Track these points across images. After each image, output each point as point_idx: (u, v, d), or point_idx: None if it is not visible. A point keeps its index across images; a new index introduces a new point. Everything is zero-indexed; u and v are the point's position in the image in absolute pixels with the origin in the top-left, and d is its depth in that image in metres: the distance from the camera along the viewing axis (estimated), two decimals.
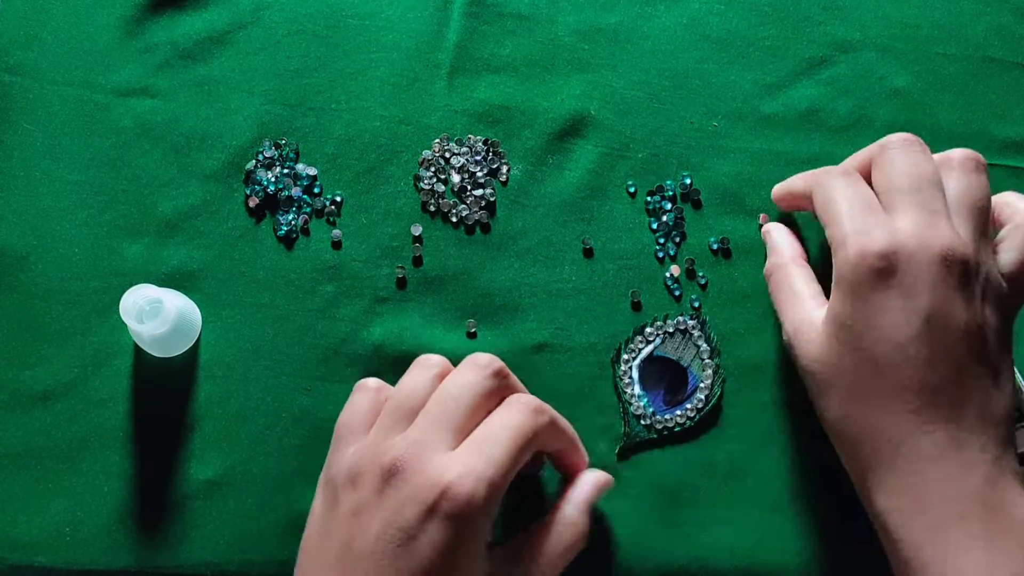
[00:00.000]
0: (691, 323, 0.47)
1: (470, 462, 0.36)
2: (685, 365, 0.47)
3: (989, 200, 0.41)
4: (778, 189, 0.47)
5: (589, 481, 0.42)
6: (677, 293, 0.48)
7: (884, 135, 0.50)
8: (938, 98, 0.51)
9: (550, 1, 0.52)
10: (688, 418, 0.46)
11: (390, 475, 0.37)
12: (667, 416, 0.46)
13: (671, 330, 0.47)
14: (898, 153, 0.41)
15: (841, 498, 0.44)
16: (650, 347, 0.47)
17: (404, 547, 0.35)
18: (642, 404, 0.46)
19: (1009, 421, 0.39)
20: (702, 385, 0.47)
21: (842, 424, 0.40)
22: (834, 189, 0.41)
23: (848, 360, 0.39)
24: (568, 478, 0.43)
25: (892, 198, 0.40)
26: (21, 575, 0.44)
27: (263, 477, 0.46)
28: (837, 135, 0.51)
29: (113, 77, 0.50)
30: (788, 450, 0.46)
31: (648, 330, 0.47)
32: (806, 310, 0.42)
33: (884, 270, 0.38)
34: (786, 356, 0.46)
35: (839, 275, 0.39)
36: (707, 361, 0.47)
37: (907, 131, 0.50)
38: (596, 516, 0.45)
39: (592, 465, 0.44)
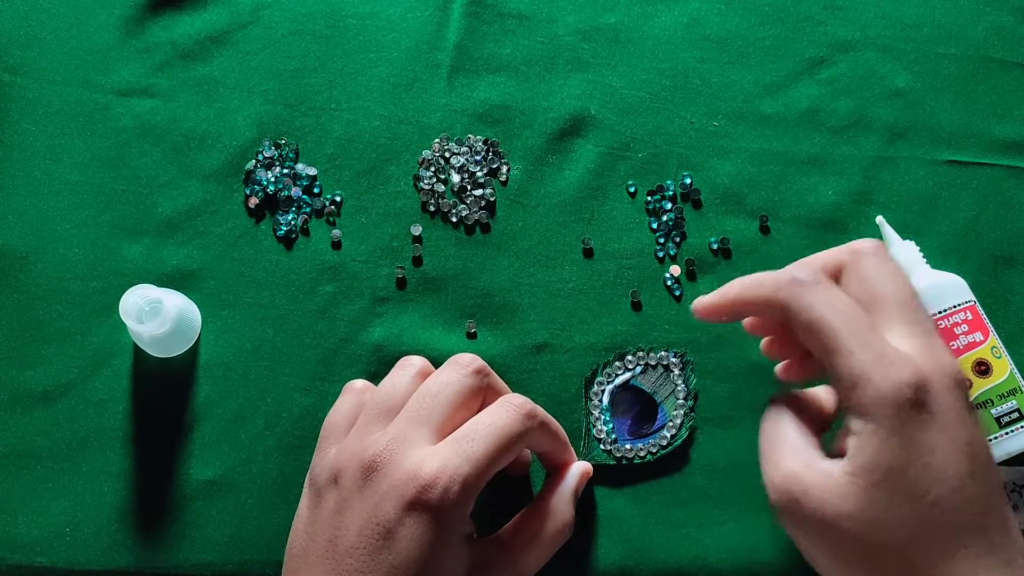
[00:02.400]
0: (674, 360, 0.47)
1: (447, 458, 0.37)
2: (659, 401, 0.47)
3: None
4: (719, 299, 0.39)
5: (574, 473, 0.43)
6: (677, 293, 0.48)
7: (884, 135, 0.51)
8: (938, 98, 0.51)
9: (550, 1, 0.52)
10: (650, 453, 0.45)
11: (370, 471, 0.37)
12: (627, 446, 0.46)
13: (652, 362, 0.47)
14: (875, 261, 0.37)
15: None
16: (627, 375, 0.47)
17: (384, 541, 0.36)
18: (605, 429, 0.46)
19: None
20: (670, 424, 0.46)
21: None
22: (821, 307, 0.36)
23: (901, 511, 0.34)
24: (554, 474, 0.43)
25: (884, 315, 0.36)
26: (21, 575, 0.44)
27: (263, 477, 0.46)
28: (837, 135, 0.51)
29: (113, 77, 0.50)
30: None
31: (629, 358, 0.47)
32: (811, 460, 0.36)
33: (919, 403, 0.34)
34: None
35: (870, 415, 0.34)
36: (680, 402, 0.46)
37: (907, 131, 0.51)
38: (586, 505, 0.45)
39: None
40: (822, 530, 0.35)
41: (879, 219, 0.48)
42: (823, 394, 0.41)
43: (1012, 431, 0.44)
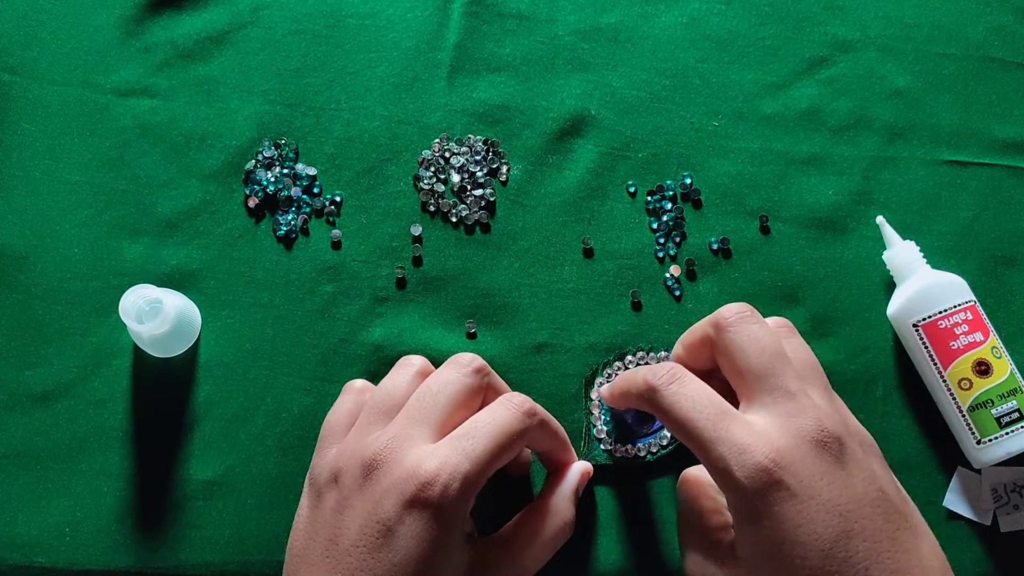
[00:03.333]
0: (673, 359, 0.47)
1: (447, 455, 0.37)
2: None
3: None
4: (612, 392, 0.42)
5: (575, 472, 0.43)
6: (677, 293, 0.48)
7: (884, 135, 0.51)
8: (938, 98, 0.51)
9: (550, 1, 0.52)
10: (650, 452, 0.45)
11: (370, 469, 0.37)
12: (627, 446, 0.46)
13: (652, 362, 0.47)
14: (734, 334, 0.38)
15: None
16: None
17: (385, 539, 0.36)
18: (605, 429, 0.46)
19: (942, 558, 0.36)
20: None
21: None
22: (678, 406, 0.37)
23: None
24: (555, 473, 0.43)
25: (746, 388, 0.38)
26: (21, 575, 0.44)
27: (263, 477, 0.46)
28: (837, 135, 0.51)
29: (113, 77, 0.50)
30: None
31: (629, 358, 0.47)
32: (707, 565, 0.38)
33: (776, 482, 0.34)
34: None
35: (735, 509, 0.36)
36: None
37: (907, 131, 0.51)
38: (586, 506, 0.45)
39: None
40: None
41: (879, 219, 0.48)
42: None
43: (1012, 431, 0.44)
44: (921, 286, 0.46)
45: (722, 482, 0.36)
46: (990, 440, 0.44)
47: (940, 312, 0.45)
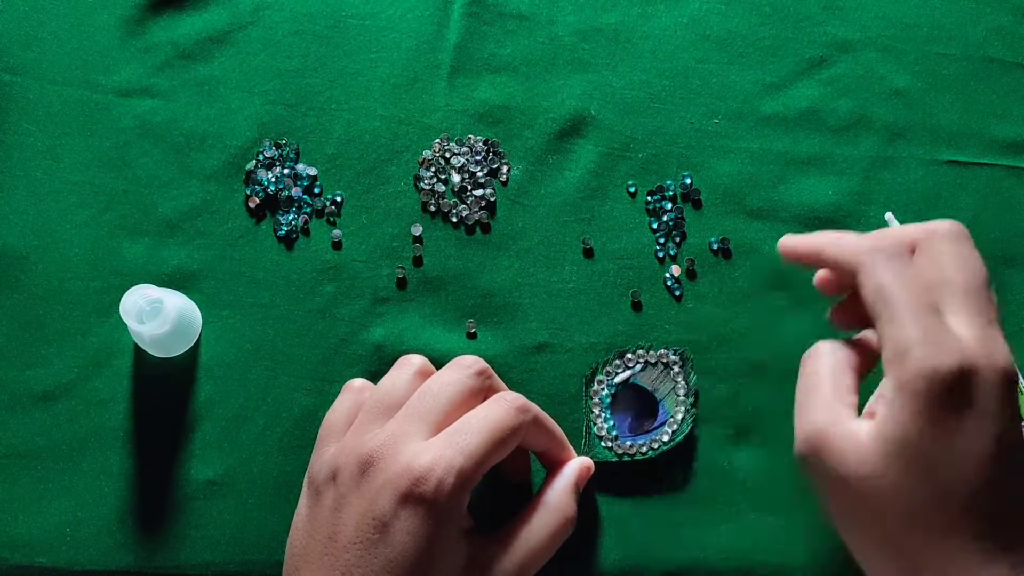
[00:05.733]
0: (673, 358, 0.47)
1: (441, 450, 0.37)
2: (659, 398, 0.46)
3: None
4: (802, 244, 0.41)
5: (573, 467, 0.43)
6: (677, 293, 0.48)
7: (884, 135, 0.51)
8: (938, 98, 0.51)
9: (550, 1, 0.52)
10: (651, 448, 0.45)
11: (367, 466, 0.37)
12: (629, 443, 0.46)
13: (652, 360, 0.47)
14: (951, 245, 0.37)
15: None
16: (627, 373, 0.47)
17: (380, 535, 0.36)
18: (606, 427, 0.46)
19: None
20: (671, 420, 0.46)
21: (888, 554, 0.36)
22: (889, 277, 0.36)
23: (912, 483, 0.34)
24: (554, 471, 0.43)
25: (947, 298, 0.36)
26: (22, 575, 0.44)
27: (263, 477, 0.46)
28: (837, 135, 0.51)
29: (113, 77, 0.50)
30: (788, 451, 0.46)
31: (628, 356, 0.47)
32: (840, 417, 0.37)
33: (958, 390, 0.34)
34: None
35: (905, 388, 0.34)
36: (681, 398, 0.46)
37: (907, 131, 0.51)
38: (587, 505, 0.45)
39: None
40: (837, 487, 0.36)
41: (888, 215, 0.48)
42: (870, 338, 0.41)
43: None
44: None
45: (899, 365, 0.35)
46: None
47: None
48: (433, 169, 0.50)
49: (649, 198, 0.50)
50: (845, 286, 0.41)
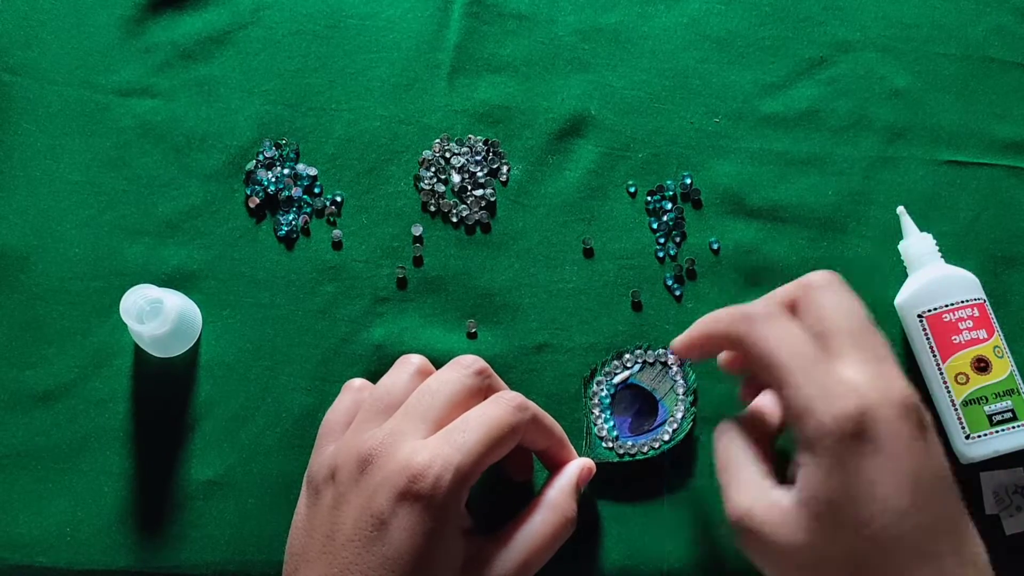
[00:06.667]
0: (672, 357, 0.47)
1: (439, 448, 0.37)
2: (658, 397, 0.46)
3: None
4: (688, 337, 0.42)
5: (573, 467, 0.43)
6: (677, 293, 0.48)
7: (884, 135, 0.51)
8: (938, 98, 0.51)
9: (550, 1, 0.52)
10: (652, 448, 0.45)
11: (365, 464, 0.37)
12: (630, 443, 0.46)
13: (651, 360, 0.47)
14: (828, 294, 0.38)
15: None
16: (626, 373, 0.47)
17: (378, 533, 0.36)
18: (606, 427, 0.46)
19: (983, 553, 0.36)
20: (671, 419, 0.46)
21: None
22: (772, 342, 0.37)
23: (845, 541, 0.34)
24: (555, 471, 0.43)
25: (835, 345, 0.37)
26: (21, 575, 0.44)
27: (264, 477, 0.46)
28: (837, 135, 0.51)
29: (113, 77, 0.50)
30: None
31: (627, 356, 0.47)
32: (761, 492, 0.37)
33: (861, 433, 0.34)
34: None
35: (814, 447, 0.35)
36: (681, 397, 0.46)
37: (907, 131, 0.51)
38: (588, 506, 0.45)
39: None
40: (775, 558, 0.36)
41: (900, 209, 0.48)
42: (767, 405, 0.42)
43: (1002, 430, 0.44)
44: (932, 278, 0.46)
45: (802, 425, 0.35)
46: (979, 436, 0.44)
47: (947, 305, 0.45)
48: (433, 169, 0.50)
49: (649, 198, 0.50)
50: (745, 362, 0.41)
